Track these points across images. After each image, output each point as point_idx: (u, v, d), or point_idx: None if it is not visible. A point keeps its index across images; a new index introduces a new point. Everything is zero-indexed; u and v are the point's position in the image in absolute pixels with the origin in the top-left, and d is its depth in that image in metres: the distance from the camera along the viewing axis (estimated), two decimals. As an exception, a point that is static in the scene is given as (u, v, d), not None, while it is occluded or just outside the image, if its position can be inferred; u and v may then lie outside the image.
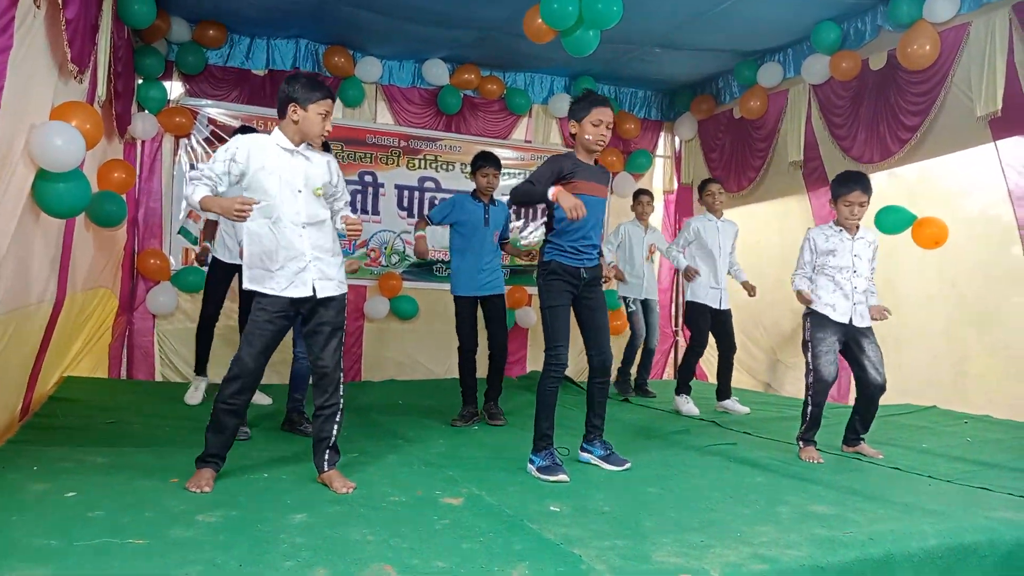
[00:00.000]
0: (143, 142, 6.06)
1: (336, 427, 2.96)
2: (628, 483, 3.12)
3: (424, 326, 6.94)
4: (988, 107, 4.71)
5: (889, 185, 5.52)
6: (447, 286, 6.82)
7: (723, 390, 5.37)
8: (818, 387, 3.70)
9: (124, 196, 4.95)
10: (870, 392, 3.75)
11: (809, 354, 3.75)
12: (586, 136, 3.30)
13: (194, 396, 4.79)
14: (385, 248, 6.86)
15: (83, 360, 5.19)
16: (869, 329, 3.76)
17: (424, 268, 7.00)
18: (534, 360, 7.34)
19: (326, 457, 2.92)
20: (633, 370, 6.25)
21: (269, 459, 3.32)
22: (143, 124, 5.88)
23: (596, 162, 3.43)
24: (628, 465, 3.37)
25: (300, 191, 2.85)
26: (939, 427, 4.63)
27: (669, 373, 7.91)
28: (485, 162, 4.57)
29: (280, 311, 2.85)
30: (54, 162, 3.41)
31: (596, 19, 4.32)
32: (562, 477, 3.10)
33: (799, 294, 3.83)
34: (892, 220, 4.77)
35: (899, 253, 5.08)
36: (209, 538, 2.20)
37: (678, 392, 5.26)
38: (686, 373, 5.30)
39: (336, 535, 2.27)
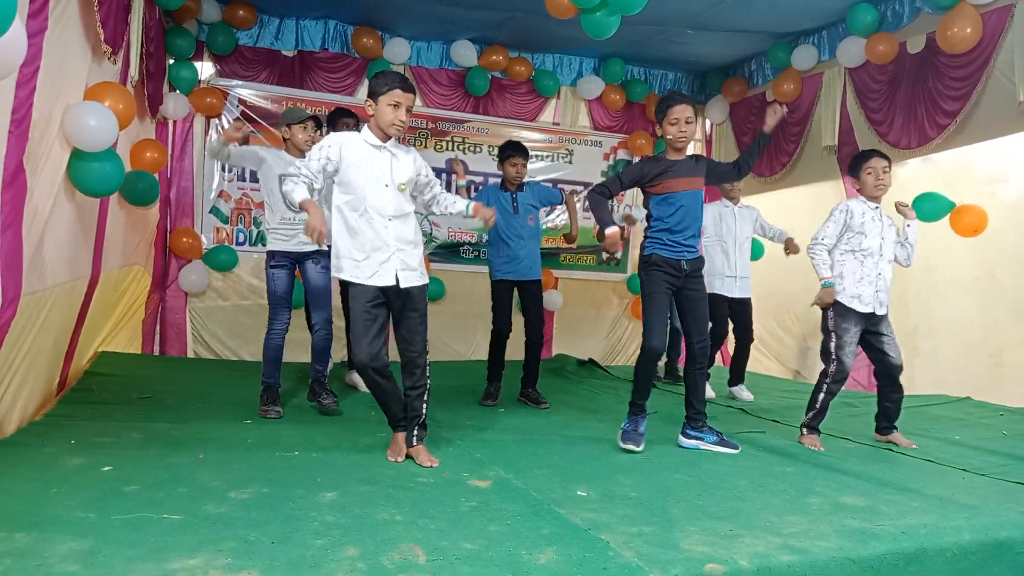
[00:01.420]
0: (175, 122, 6.12)
1: (424, 405, 3.13)
2: (655, 469, 3.11)
3: (451, 307, 6.96)
4: (1032, 91, 4.57)
5: (924, 171, 5.41)
6: (474, 268, 6.92)
7: (735, 375, 5.32)
8: (838, 377, 3.68)
9: (156, 175, 5.01)
10: (893, 374, 3.75)
11: (833, 343, 3.71)
12: (667, 136, 3.48)
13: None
14: (412, 230, 6.87)
15: (117, 336, 5.28)
16: (885, 315, 3.76)
17: (451, 250, 7.02)
18: (559, 343, 7.34)
19: (415, 433, 3.08)
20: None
21: (300, 437, 3.36)
22: (175, 104, 5.93)
23: (686, 155, 3.57)
24: (740, 449, 3.49)
25: (387, 185, 3.01)
26: (973, 419, 4.55)
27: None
28: (514, 151, 4.59)
29: (372, 299, 3.00)
30: (88, 142, 3.45)
31: (619, 5, 4.25)
32: (631, 447, 3.37)
33: (819, 275, 3.76)
34: (930, 207, 4.67)
35: (934, 240, 4.98)
36: (242, 514, 2.24)
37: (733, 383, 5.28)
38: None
39: (366, 514, 2.30)
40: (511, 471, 2.93)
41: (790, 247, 5.27)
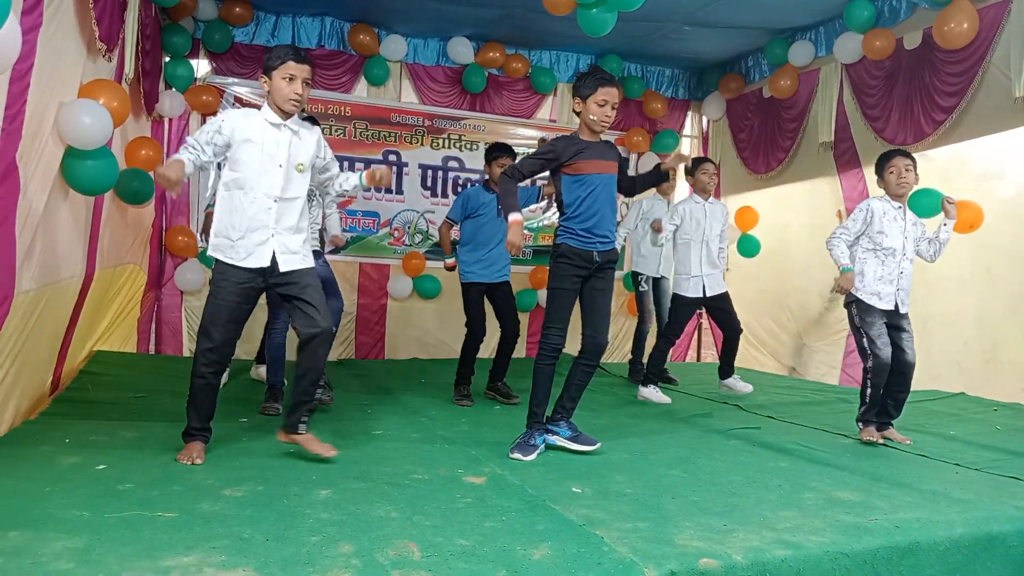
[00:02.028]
0: (170, 120, 6.11)
1: (317, 390, 3.03)
2: (650, 465, 3.11)
3: (447, 305, 6.94)
4: (1028, 88, 4.58)
5: (920, 167, 5.39)
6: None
7: (725, 368, 5.18)
8: (878, 369, 3.69)
9: (151, 173, 5.00)
10: (906, 372, 3.75)
11: (865, 340, 3.73)
12: (591, 116, 3.19)
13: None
14: (409, 227, 6.87)
15: (112, 335, 5.27)
16: (907, 313, 3.77)
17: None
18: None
19: (304, 420, 2.96)
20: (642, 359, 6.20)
21: (294, 435, 3.35)
22: (170, 102, 5.91)
23: (600, 139, 3.32)
24: (599, 445, 3.27)
25: (280, 165, 2.89)
26: (967, 414, 4.56)
27: (692, 356, 7.88)
28: (502, 152, 4.55)
29: (243, 282, 2.87)
30: (82, 139, 3.45)
31: (618, 2, 4.25)
32: (517, 456, 3.10)
33: (837, 264, 3.75)
34: (925, 203, 4.66)
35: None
36: (236, 512, 2.24)
37: (645, 383, 4.98)
38: (656, 363, 5.00)
39: (360, 511, 2.30)
40: (506, 468, 2.94)
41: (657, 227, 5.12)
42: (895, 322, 3.76)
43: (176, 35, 5.88)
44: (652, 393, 4.92)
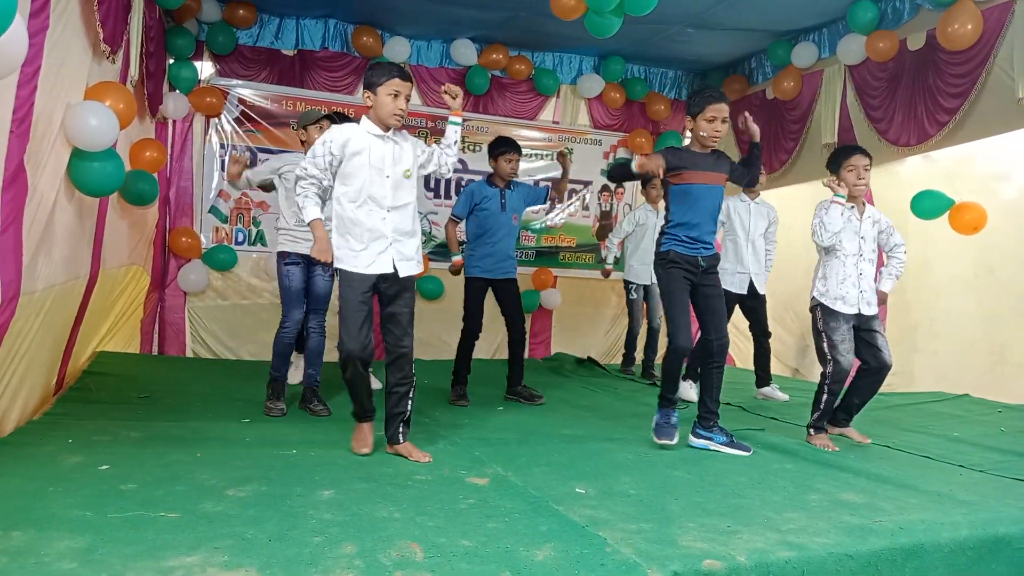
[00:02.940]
0: (174, 122, 6.12)
1: (411, 403, 3.17)
2: (654, 466, 3.11)
3: (450, 306, 6.93)
4: (1032, 88, 4.56)
5: (925, 169, 5.40)
6: (472, 267, 6.92)
7: (762, 376, 5.22)
8: (837, 376, 3.63)
9: (156, 175, 5.01)
10: (881, 374, 3.68)
11: (825, 343, 3.67)
12: (701, 133, 3.42)
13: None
14: (412, 229, 6.86)
15: (116, 336, 5.28)
16: (875, 315, 3.71)
17: (450, 249, 7.00)
18: (558, 342, 7.34)
19: (401, 430, 3.11)
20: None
21: (298, 435, 3.36)
22: (174, 104, 5.93)
23: (711, 150, 3.52)
24: (752, 451, 3.41)
25: (388, 176, 3.02)
26: (972, 416, 4.55)
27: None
28: (508, 147, 4.55)
29: (368, 290, 3.02)
30: (88, 141, 3.45)
31: (632, 6, 4.25)
32: (665, 441, 3.38)
33: (831, 224, 3.68)
34: (929, 205, 4.67)
35: (934, 237, 4.98)
36: (239, 512, 2.24)
37: (684, 377, 5.04)
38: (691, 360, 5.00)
39: (363, 512, 2.30)
40: (510, 469, 2.93)
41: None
42: (866, 324, 3.69)
43: (180, 37, 5.90)
44: (685, 390, 4.94)
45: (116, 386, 4.25)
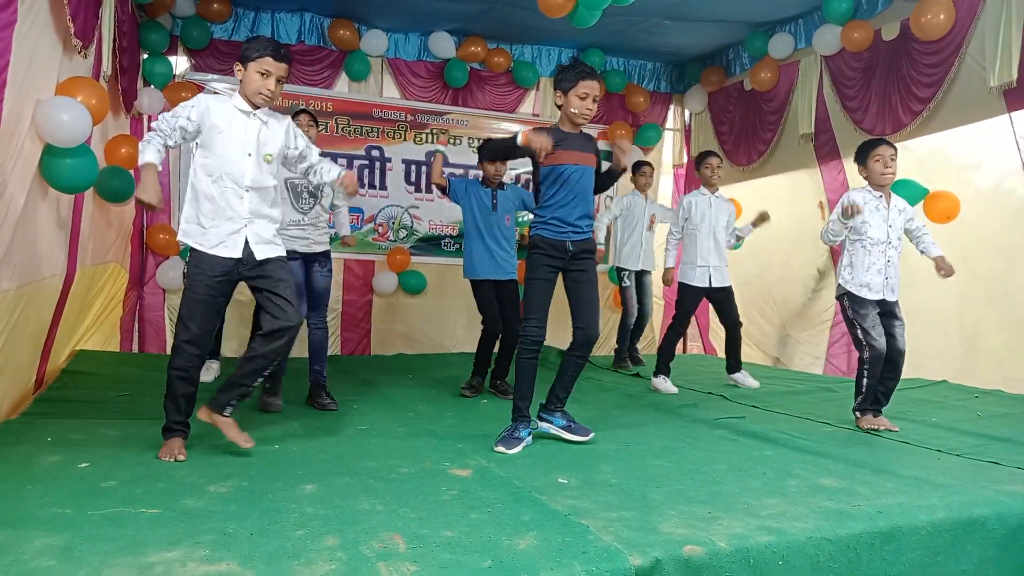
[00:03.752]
0: (149, 117, 6.03)
1: (261, 381, 2.98)
2: (635, 456, 3.13)
3: (432, 300, 6.96)
4: (1003, 77, 4.62)
5: (899, 158, 5.43)
6: (454, 260, 6.91)
7: (732, 364, 5.30)
8: (874, 360, 3.71)
9: (132, 171, 4.95)
10: (897, 359, 3.77)
11: (859, 331, 3.75)
12: (572, 109, 3.21)
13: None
14: (393, 223, 6.85)
15: (94, 334, 5.23)
16: (897, 301, 3.80)
17: (432, 243, 7.00)
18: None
19: (234, 403, 2.90)
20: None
21: (280, 431, 3.35)
22: (149, 99, 5.86)
23: (581, 131, 3.33)
24: (592, 435, 3.31)
25: (250, 155, 2.88)
26: (949, 401, 4.62)
27: (678, 348, 7.89)
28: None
29: (218, 275, 2.84)
30: (61, 137, 3.41)
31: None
32: (501, 449, 3.09)
33: (839, 230, 3.76)
34: (904, 194, 4.69)
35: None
36: (220, 508, 2.23)
37: (656, 373, 5.04)
38: (666, 353, 5.06)
39: (345, 505, 2.29)
40: (492, 460, 2.94)
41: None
42: (887, 309, 3.79)
43: (154, 32, 5.83)
44: (661, 383, 5.01)
45: (95, 384, 4.21)
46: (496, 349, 4.69)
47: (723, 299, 5.14)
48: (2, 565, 1.77)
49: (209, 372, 4.70)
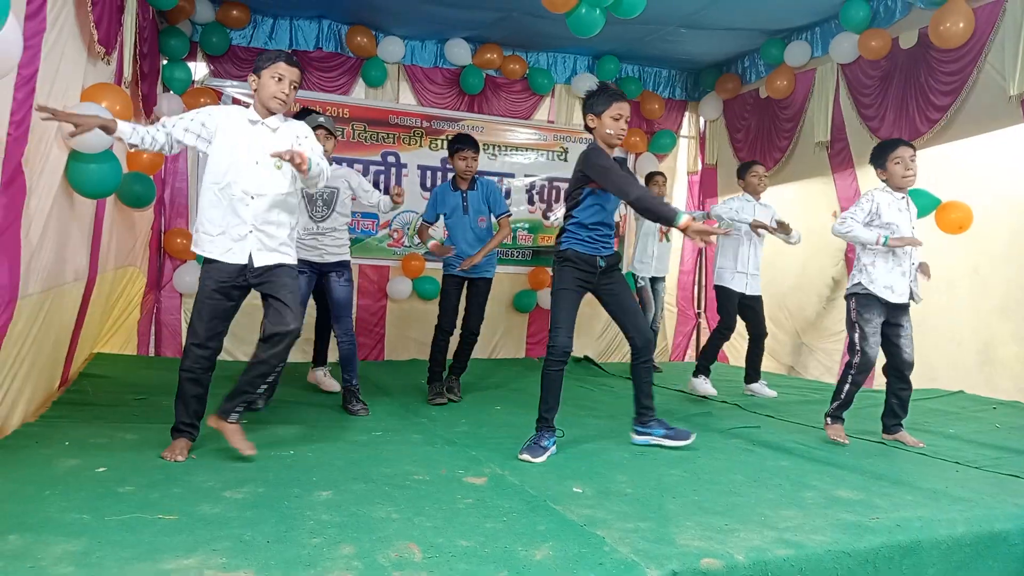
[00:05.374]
0: (168, 123, 6.09)
1: (265, 387, 3.03)
2: (651, 465, 3.12)
3: (445, 307, 6.95)
4: (1022, 86, 4.58)
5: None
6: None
7: (751, 373, 5.28)
8: (863, 368, 3.66)
9: (152, 177, 5.00)
10: (904, 370, 3.71)
11: (857, 335, 3.68)
12: (607, 131, 3.28)
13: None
14: (408, 229, 6.87)
15: (112, 338, 5.27)
16: (907, 305, 3.73)
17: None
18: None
19: (240, 410, 2.97)
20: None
21: (295, 436, 3.36)
22: (169, 105, 5.91)
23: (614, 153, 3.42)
24: (693, 437, 3.40)
25: (257, 163, 2.91)
26: (967, 413, 4.57)
27: (691, 355, 7.87)
28: (464, 145, 4.44)
29: (225, 281, 2.90)
30: (86, 143, 3.45)
31: (622, 8, 4.25)
32: (526, 457, 3.09)
33: (869, 242, 3.62)
34: (916, 204, 4.67)
35: (920, 237, 4.99)
36: (237, 514, 2.24)
37: (696, 373, 5.14)
38: (709, 356, 5.15)
39: (361, 513, 2.30)
40: (507, 468, 2.94)
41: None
42: (895, 319, 3.69)
43: (173, 38, 5.88)
44: (700, 384, 5.08)
45: (113, 388, 4.24)
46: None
47: (755, 306, 5.19)
48: (22, 570, 1.79)
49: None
